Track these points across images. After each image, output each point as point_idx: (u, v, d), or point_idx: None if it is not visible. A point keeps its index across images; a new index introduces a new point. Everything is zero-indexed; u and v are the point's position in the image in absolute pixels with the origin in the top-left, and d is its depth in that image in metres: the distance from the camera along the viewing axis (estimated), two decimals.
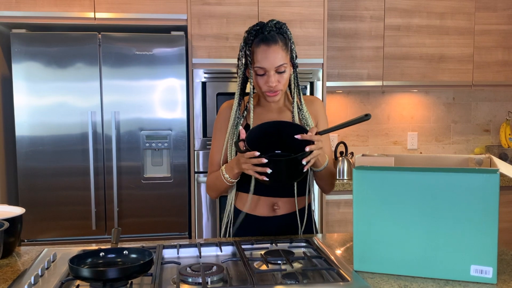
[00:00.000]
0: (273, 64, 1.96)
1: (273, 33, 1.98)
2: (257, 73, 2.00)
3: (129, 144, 3.41)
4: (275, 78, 1.98)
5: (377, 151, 4.47)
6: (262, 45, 1.96)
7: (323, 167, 2.04)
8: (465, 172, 1.52)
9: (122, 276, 1.45)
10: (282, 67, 1.98)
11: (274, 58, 1.96)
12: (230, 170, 2.01)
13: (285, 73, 2.01)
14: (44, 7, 3.35)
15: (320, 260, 1.77)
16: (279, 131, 1.98)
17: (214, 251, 1.92)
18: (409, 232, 1.59)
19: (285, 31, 2.02)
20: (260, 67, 1.97)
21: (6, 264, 1.77)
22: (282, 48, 1.97)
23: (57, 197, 3.37)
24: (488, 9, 4.09)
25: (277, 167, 1.82)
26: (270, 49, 1.96)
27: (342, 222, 3.79)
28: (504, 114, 4.65)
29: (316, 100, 2.23)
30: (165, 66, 3.39)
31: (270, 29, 1.98)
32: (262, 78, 2.00)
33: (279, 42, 1.97)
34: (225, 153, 2.16)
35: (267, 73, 1.98)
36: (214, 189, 2.15)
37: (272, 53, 1.95)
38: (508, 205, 3.96)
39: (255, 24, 2.01)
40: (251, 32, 2.00)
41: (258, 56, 1.97)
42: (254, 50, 1.98)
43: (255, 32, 1.99)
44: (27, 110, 3.30)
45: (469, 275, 1.54)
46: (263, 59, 1.96)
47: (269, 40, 1.96)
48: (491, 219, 1.51)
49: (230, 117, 2.12)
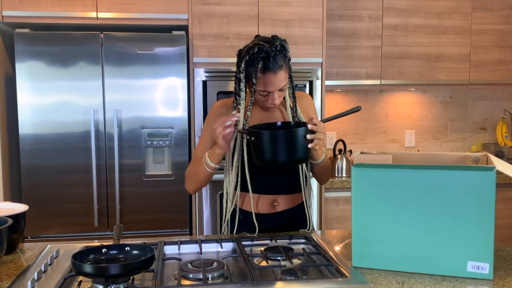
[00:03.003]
0: (278, 87, 1.98)
1: (277, 58, 1.95)
2: (261, 94, 2.01)
3: (131, 142, 3.42)
4: (277, 95, 2.01)
5: (375, 149, 4.50)
6: (269, 73, 1.94)
7: (321, 160, 2.07)
8: (462, 170, 1.53)
9: (124, 272, 1.45)
10: (285, 86, 2.00)
11: (279, 81, 1.97)
12: (212, 153, 2.01)
13: (286, 88, 2.03)
14: (47, 7, 3.36)
15: (319, 256, 1.79)
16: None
17: (215, 248, 1.93)
18: (407, 228, 1.60)
19: (287, 51, 2.00)
20: (266, 91, 1.98)
21: (10, 260, 1.78)
22: (285, 70, 1.97)
23: (60, 194, 3.39)
24: (485, 9, 4.11)
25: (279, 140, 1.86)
26: (276, 76, 1.95)
27: (341, 219, 3.81)
28: (500, 113, 4.67)
29: (305, 95, 2.25)
30: (166, 65, 3.41)
31: (275, 54, 1.94)
32: (265, 96, 2.02)
33: (283, 66, 1.96)
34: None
35: (271, 93, 1.99)
36: (193, 179, 2.13)
37: (278, 78, 1.96)
38: (505, 202, 3.98)
39: (259, 49, 1.94)
40: (257, 59, 1.94)
41: (265, 83, 1.96)
42: (260, 76, 1.96)
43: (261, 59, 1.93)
44: (31, 109, 3.31)
45: (466, 271, 1.55)
46: (270, 85, 1.96)
47: (276, 68, 1.94)
48: (487, 216, 1.52)
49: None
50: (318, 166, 2.12)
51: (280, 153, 1.86)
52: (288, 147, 1.85)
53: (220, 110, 2.16)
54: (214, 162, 2.02)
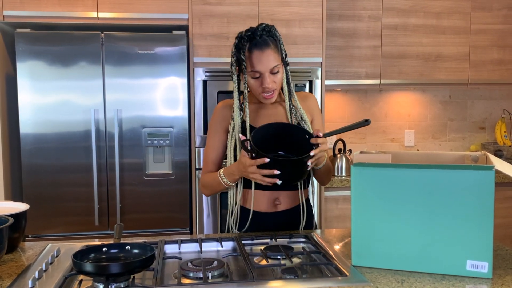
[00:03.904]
0: (267, 66, 2.01)
1: (264, 37, 2.03)
2: (253, 77, 2.05)
3: (131, 142, 3.43)
4: (270, 79, 2.03)
5: (375, 148, 4.50)
6: (255, 51, 2.01)
7: (322, 165, 2.09)
8: (461, 169, 1.53)
9: (125, 271, 1.46)
10: (276, 68, 2.03)
11: (268, 61, 2.01)
12: (230, 175, 2.04)
13: (279, 74, 2.06)
14: (48, 7, 3.37)
15: (319, 255, 1.79)
16: (283, 132, 2.02)
17: (215, 246, 1.94)
18: (407, 227, 1.60)
19: (274, 33, 2.06)
20: (255, 71, 2.02)
21: (11, 259, 1.78)
22: (274, 50, 2.03)
23: (60, 193, 3.39)
24: (484, 9, 4.11)
25: (284, 168, 1.85)
26: (263, 54, 2.01)
27: (341, 218, 3.81)
28: (499, 112, 4.68)
29: (310, 96, 2.26)
30: (167, 64, 3.41)
31: (260, 34, 2.03)
32: (257, 81, 2.05)
33: (270, 45, 2.02)
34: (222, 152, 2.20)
35: (262, 75, 2.03)
36: (210, 189, 2.18)
37: (266, 57, 2.01)
38: (504, 201, 3.98)
39: (246, 30, 2.05)
40: (244, 38, 2.04)
41: (252, 61, 2.02)
42: (247, 55, 2.03)
43: (247, 38, 2.03)
44: (31, 108, 3.32)
45: (465, 270, 1.55)
46: (258, 63, 2.01)
47: (262, 45, 2.01)
48: (486, 215, 1.52)
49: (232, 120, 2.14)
50: (319, 170, 2.14)
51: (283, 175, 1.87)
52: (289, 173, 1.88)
53: (223, 111, 2.20)
54: (232, 182, 2.07)
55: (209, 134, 2.22)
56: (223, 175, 2.06)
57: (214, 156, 2.20)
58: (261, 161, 1.83)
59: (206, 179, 2.18)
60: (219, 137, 2.19)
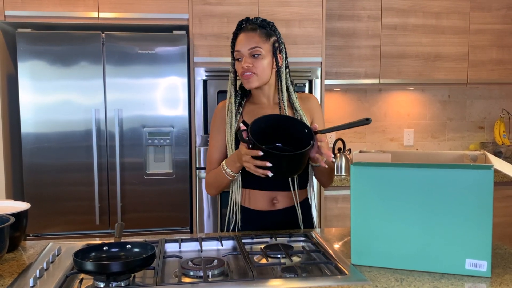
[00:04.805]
0: (246, 46, 2.05)
1: (254, 25, 2.09)
2: (235, 58, 2.11)
3: (132, 141, 3.44)
4: (249, 60, 2.06)
5: (374, 148, 4.51)
6: (241, 33, 2.09)
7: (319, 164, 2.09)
8: (460, 168, 1.53)
9: (125, 270, 1.46)
10: (256, 51, 2.05)
11: (248, 42, 2.06)
12: (232, 164, 2.02)
13: (262, 59, 2.06)
14: (49, 7, 3.38)
15: (318, 254, 1.80)
16: (281, 125, 2.00)
17: (215, 245, 1.94)
18: (406, 226, 1.60)
19: (267, 24, 2.11)
20: (236, 50, 2.08)
21: (12, 258, 1.78)
22: (259, 35, 2.07)
23: (61, 192, 3.40)
24: (483, 9, 4.12)
25: (277, 161, 1.82)
26: (247, 35, 2.07)
27: (340, 217, 3.82)
28: (498, 112, 4.69)
29: (311, 97, 2.27)
30: (167, 64, 3.42)
31: (252, 22, 2.10)
32: (239, 63, 2.09)
33: (257, 30, 2.07)
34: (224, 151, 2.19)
35: (243, 56, 2.07)
36: (215, 186, 2.16)
37: (248, 38, 2.06)
38: (502, 200, 3.99)
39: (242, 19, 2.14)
40: (239, 25, 2.13)
41: (236, 42, 2.10)
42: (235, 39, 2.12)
43: (240, 23, 2.13)
44: (32, 108, 3.33)
45: (464, 268, 1.55)
46: (239, 43, 2.08)
47: (248, 29, 2.08)
48: (485, 214, 1.52)
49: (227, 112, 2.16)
50: (319, 169, 2.12)
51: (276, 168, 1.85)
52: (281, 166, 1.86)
53: (223, 111, 2.21)
54: (235, 172, 2.05)
55: (211, 134, 2.23)
56: (225, 166, 2.05)
57: (217, 155, 2.21)
58: (255, 153, 1.81)
59: (210, 177, 2.18)
60: (221, 137, 2.20)
